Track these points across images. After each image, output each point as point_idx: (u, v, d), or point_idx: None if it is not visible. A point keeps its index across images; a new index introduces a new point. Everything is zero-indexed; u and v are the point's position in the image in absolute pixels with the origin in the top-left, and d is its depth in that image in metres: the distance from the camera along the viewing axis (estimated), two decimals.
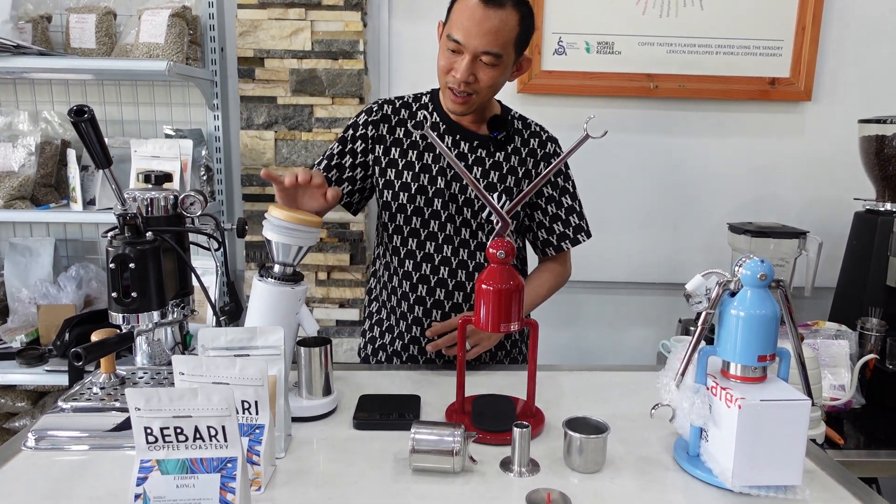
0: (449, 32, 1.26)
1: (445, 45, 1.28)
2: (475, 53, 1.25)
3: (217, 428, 0.80)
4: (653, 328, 2.29)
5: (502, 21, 1.23)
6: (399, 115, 1.43)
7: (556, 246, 1.47)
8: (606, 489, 0.92)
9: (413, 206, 1.40)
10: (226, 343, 1.00)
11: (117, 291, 1.08)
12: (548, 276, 1.50)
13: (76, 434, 1.03)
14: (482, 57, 1.26)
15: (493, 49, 1.24)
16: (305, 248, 1.12)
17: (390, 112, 1.43)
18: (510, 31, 1.25)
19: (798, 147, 2.18)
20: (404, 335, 1.46)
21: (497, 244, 1.05)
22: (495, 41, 1.24)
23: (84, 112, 0.92)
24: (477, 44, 1.24)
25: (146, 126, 2.12)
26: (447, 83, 1.31)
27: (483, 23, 1.22)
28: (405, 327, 1.46)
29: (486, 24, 1.22)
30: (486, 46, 1.24)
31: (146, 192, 1.19)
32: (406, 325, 1.46)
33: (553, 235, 1.47)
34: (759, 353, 0.91)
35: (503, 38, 1.24)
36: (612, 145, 2.15)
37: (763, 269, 0.91)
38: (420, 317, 1.44)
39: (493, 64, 1.26)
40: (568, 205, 1.47)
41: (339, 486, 0.92)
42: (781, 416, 0.88)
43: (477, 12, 1.22)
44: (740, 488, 0.89)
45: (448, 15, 1.30)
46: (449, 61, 1.29)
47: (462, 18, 1.24)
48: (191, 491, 0.79)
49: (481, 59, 1.26)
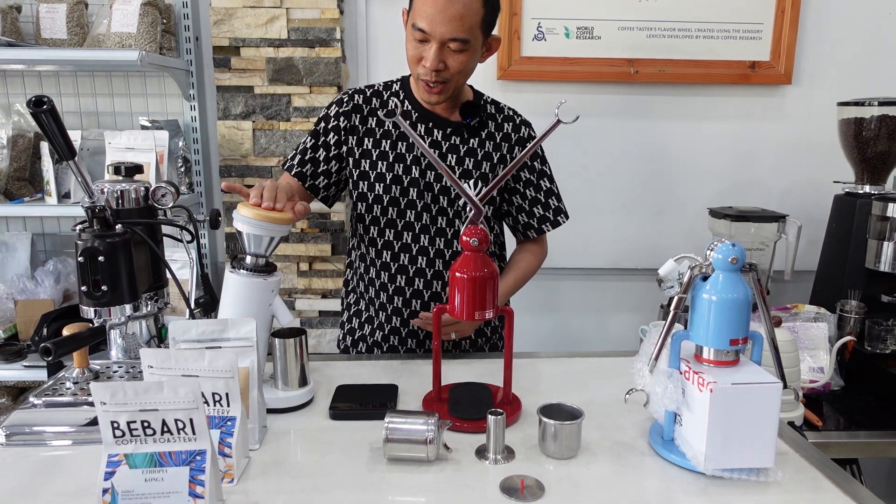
0: (413, 21, 1.24)
1: (411, 34, 1.26)
2: (442, 41, 1.23)
3: (185, 421, 0.79)
4: (636, 314, 2.30)
5: (465, 5, 1.21)
6: (370, 104, 1.41)
7: (537, 229, 1.47)
8: (581, 475, 0.92)
9: (388, 196, 1.39)
10: (197, 335, 0.99)
11: (87, 285, 1.07)
12: (530, 257, 1.50)
13: (48, 429, 1.02)
14: (450, 44, 1.24)
15: (459, 35, 1.23)
16: (277, 238, 1.11)
17: (361, 102, 1.41)
18: (475, 14, 1.23)
19: (778, 131, 2.18)
20: (384, 326, 1.46)
21: (470, 232, 1.04)
22: (461, 26, 1.22)
23: (43, 103, 0.90)
24: (443, 31, 1.22)
25: (122, 118, 2.09)
26: (418, 74, 1.30)
27: (446, 9, 1.20)
28: (384, 318, 1.45)
29: (450, 10, 1.20)
30: (452, 33, 1.22)
31: (116, 184, 1.17)
32: (385, 315, 1.45)
33: (534, 219, 1.47)
34: (731, 336, 0.91)
35: (469, 22, 1.23)
36: (593, 131, 2.14)
37: (734, 253, 0.91)
38: (399, 307, 1.43)
39: (462, 49, 1.25)
40: (546, 188, 1.47)
41: (313, 477, 0.91)
42: (753, 399, 0.89)
43: (439, 0, 1.20)
44: (713, 471, 0.90)
45: (411, 3, 1.28)
46: (417, 51, 1.27)
47: (425, 6, 1.22)
48: (160, 485, 0.79)
49: (449, 45, 1.24)
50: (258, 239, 1.09)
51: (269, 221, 1.07)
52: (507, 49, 2.04)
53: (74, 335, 1.07)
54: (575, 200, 1.51)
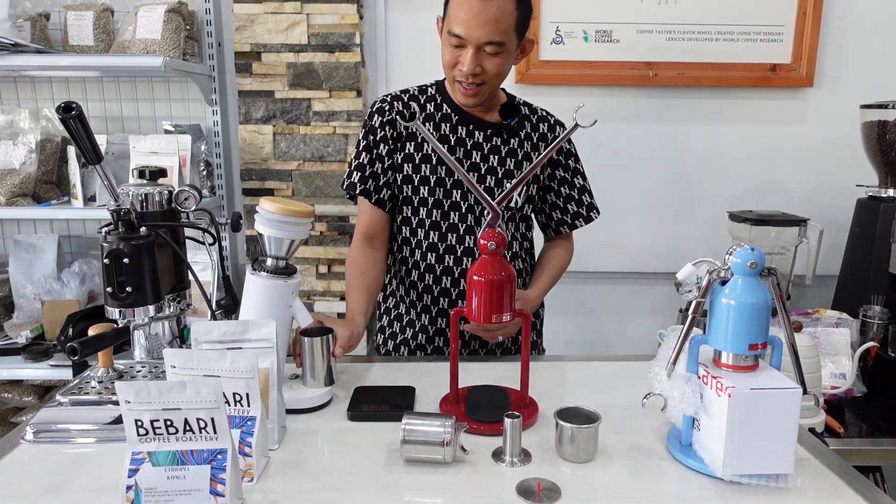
0: (449, 28, 1.26)
1: (447, 40, 1.28)
2: (478, 45, 1.25)
3: (206, 420, 0.80)
4: (655, 317, 2.29)
5: (500, 8, 1.23)
6: (409, 109, 1.42)
7: (570, 224, 1.51)
8: (597, 478, 0.92)
9: (433, 199, 1.40)
10: (218, 336, 1.00)
11: (112, 286, 1.09)
12: (563, 253, 1.54)
13: (74, 427, 1.04)
14: (486, 47, 1.26)
15: (495, 38, 1.24)
16: (298, 241, 1.13)
17: (402, 107, 1.43)
18: (509, 16, 1.24)
19: (800, 134, 2.15)
20: (428, 328, 1.47)
21: (488, 235, 1.05)
22: (496, 30, 1.24)
23: (72, 108, 0.93)
24: (479, 35, 1.24)
25: (146, 122, 2.13)
26: (455, 77, 1.32)
27: (481, 13, 1.22)
28: (429, 320, 1.47)
29: (485, 13, 1.22)
30: (488, 37, 1.24)
31: (141, 187, 1.19)
32: (430, 318, 1.46)
33: (567, 215, 1.50)
34: (749, 341, 0.91)
35: (503, 24, 1.24)
36: (612, 135, 2.14)
37: (753, 257, 0.90)
38: (445, 308, 1.45)
39: (498, 52, 1.27)
40: (580, 185, 1.50)
41: (331, 477, 0.92)
42: (772, 405, 0.88)
43: (474, 4, 1.22)
44: (731, 477, 0.89)
45: (445, 9, 1.30)
46: (453, 56, 1.29)
47: (460, 12, 1.24)
48: (181, 482, 0.80)
49: (485, 49, 1.26)
50: (279, 241, 1.11)
51: (290, 215, 1.09)
52: None
53: (100, 335, 1.09)
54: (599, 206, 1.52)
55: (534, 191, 1.45)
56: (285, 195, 2.07)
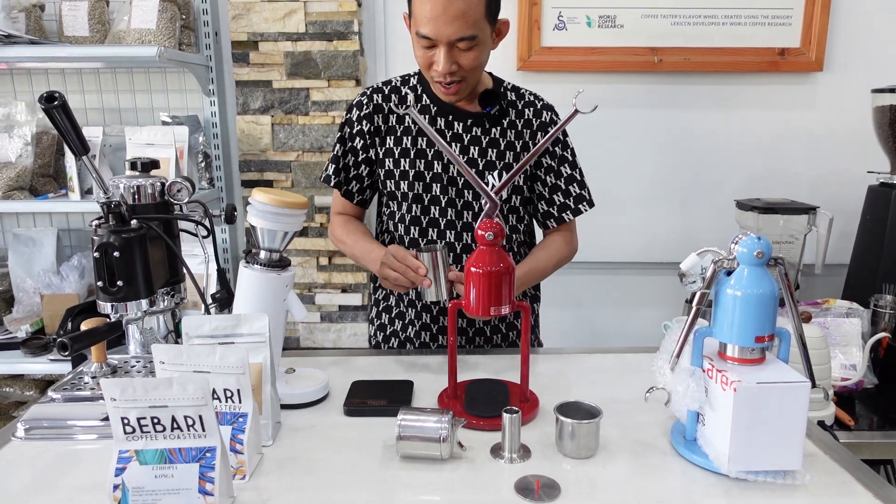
0: (417, 29, 1.21)
1: (417, 41, 1.23)
2: (449, 42, 1.20)
3: (194, 418, 0.78)
4: (660, 309, 2.25)
5: (465, 1, 1.17)
6: (389, 101, 1.39)
7: (557, 217, 1.42)
8: (599, 475, 0.90)
9: (413, 193, 1.37)
10: (210, 331, 0.98)
11: (103, 280, 1.07)
12: (554, 248, 1.44)
13: (66, 423, 1.02)
14: (458, 44, 1.20)
15: (466, 33, 1.19)
16: (291, 232, 1.10)
17: (381, 101, 1.39)
18: (476, 6, 1.18)
19: (809, 119, 2.11)
20: (415, 322, 1.45)
21: (485, 225, 1.02)
22: (465, 24, 1.18)
23: (55, 98, 0.90)
24: (448, 33, 1.18)
25: (143, 114, 2.10)
26: (432, 77, 1.27)
27: (447, 9, 1.16)
28: (415, 314, 1.44)
29: (450, 9, 1.16)
30: (458, 33, 1.18)
31: (133, 179, 1.17)
32: (416, 311, 1.44)
33: (553, 207, 1.42)
34: (756, 333, 0.88)
35: (472, 17, 1.18)
36: (617, 122, 2.10)
37: (760, 247, 0.87)
38: (429, 303, 1.42)
39: (471, 46, 1.21)
40: (567, 174, 1.41)
41: (325, 474, 0.90)
42: (779, 399, 0.85)
43: (438, 2, 1.16)
44: (737, 474, 0.86)
45: (409, 8, 1.24)
46: (426, 57, 1.24)
47: (424, 11, 1.18)
48: (170, 481, 0.78)
49: (458, 45, 1.21)
50: (272, 233, 1.08)
51: (283, 206, 1.06)
52: (527, 39, 2.01)
53: (91, 330, 1.07)
54: (597, 192, 1.47)
55: (520, 180, 1.40)
56: (284, 186, 2.04)
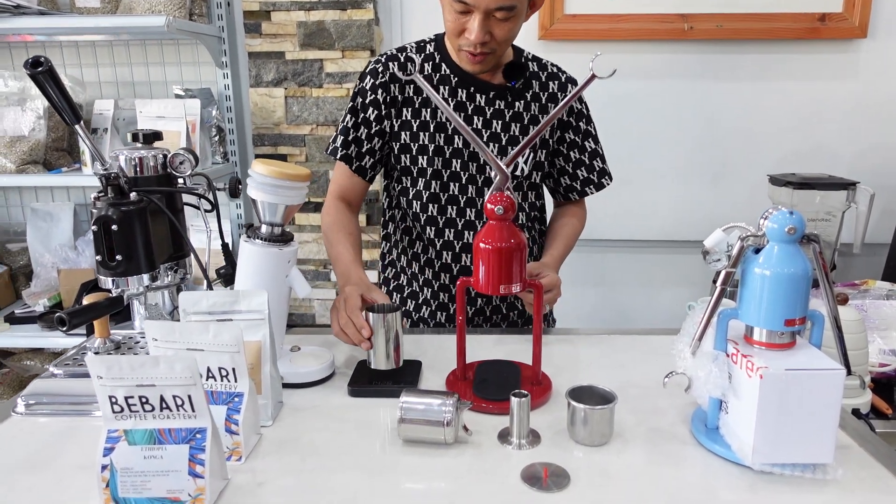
0: None
1: (450, 5, 1.16)
2: (487, 10, 1.13)
3: (183, 397, 0.75)
4: (687, 288, 2.18)
5: None
6: (405, 71, 1.32)
7: (579, 191, 1.40)
8: (611, 464, 0.85)
9: (431, 169, 1.31)
10: (208, 307, 0.95)
11: (101, 254, 1.05)
12: (574, 222, 1.42)
13: (66, 400, 1.01)
14: (495, 13, 1.14)
15: (506, 3, 1.13)
16: (293, 206, 1.06)
17: (397, 69, 1.32)
18: None
19: (850, 90, 1.99)
20: (430, 302, 1.40)
21: (496, 199, 0.96)
22: None
23: (40, 63, 0.87)
24: (488, 1, 1.12)
25: (157, 87, 2.07)
26: (460, 46, 1.21)
27: None
28: (431, 294, 1.40)
29: None
30: (498, 2, 1.12)
31: (134, 151, 1.14)
32: (432, 292, 1.39)
33: (577, 181, 1.39)
34: (786, 316, 0.81)
35: None
36: (643, 93, 2.01)
37: (791, 222, 0.80)
38: (447, 283, 1.37)
39: (508, 17, 1.15)
40: (591, 149, 1.38)
41: (324, 457, 0.87)
42: (810, 387, 0.78)
43: None
44: (761, 466, 0.80)
45: None
46: (458, 23, 1.17)
47: None
48: (158, 462, 0.75)
49: (494, 14, 1.14)
50: (272, 207, 1.04)
51: (283, 178, 1.02)
52: (549, 7, 1.92)
53: (90, 305, 1.05)
54: (623, 168, 1.41)
55: (542, 156, 1.34)
56: (298, 161, 2.00)
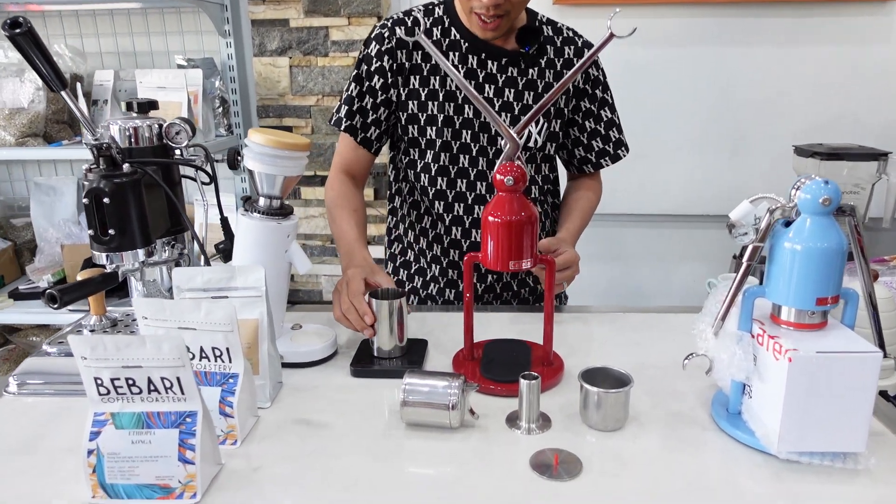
0: None
1: None
2: None
3: (171, 380, 0.71)
4: (705, 264, 2.11)
5: None
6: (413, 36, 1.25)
7: (594, 163, 1.34)
8: (626, 450, 0.80)
9: (440, 140, 1.24)
10: (202, 283, 0.91)
11: (94, 228, 1.00)
12: (590, 195, 1.36)
13: (59, 379, 0.97)
14: None
15: None
16: (293, 177, 1.01)
17: (403, 33, 1.25)
18: None
19: (882, 55, 1.89)
20: (439, 279, 1.35)
21: (505, 169, 0.90)
22: None
23: (19, 24, 0.81)
24: None
25: (159, 57, 2.02)
26: (472, 8, 1.13)
27: None
28: (439, 271, 1.34)
29: None
30: None
31: (129, 120, 1.09)
32: (440, 268, 1.34)
33: (592, 153, 1.32)
34: (818, 294, 0.75)
35: None
36: (660, 60, 1.92)
37: (827, 192, 0.73)
38: (456, 260, 1.32)
39: None
40: (608, 118, 1.31)
41: (323, 441, 0.83)
42: (842, 372, 0.73)
43: None
44: (788, 455, 0.75)
45: None
46: None
47: None
48: (147, 447, 0.72)
49: None
50: (270, 178, 0.99)
51: (281, 147, 0.96)
52: None
53: (82, 281, 1.01)
54: (638, 139, 1.34)
55: (556, 126, 1.28)
56: (304, 133, 1.94)
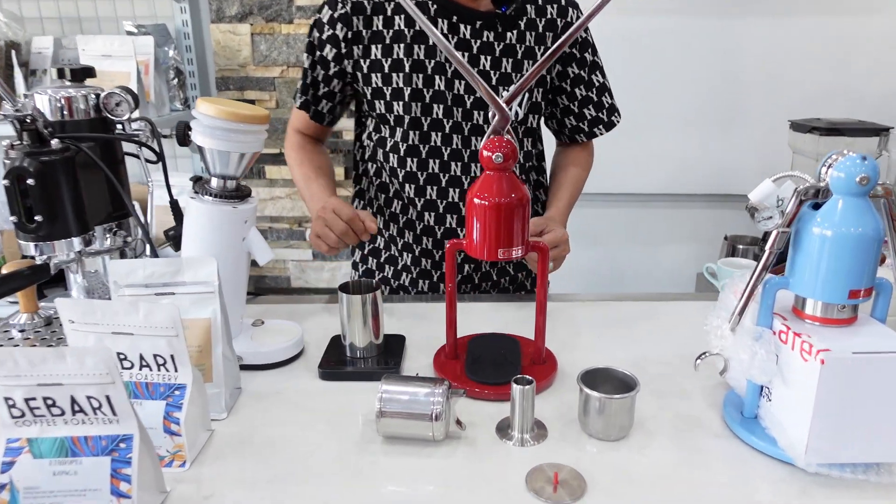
0: None
1: None
2: None
3: (100, 399, 0.59)
4: (693, 246, 2.03)
5: None
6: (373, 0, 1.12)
7: (587, 133, 1.24)
8: (634, 464, 0.71)
9: (409, 117, 1.12)
10: (144, 278, 0.78)
11: (17, 215, 0.87)
12: (580, 170, 1.27)
13: None
14: None
15: None
16: (249, 154, 0.88)
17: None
18: None
19: (882, 25, 1.82)
20: (411, 269, 1.23)
21: (493, 144, 0.79)
22: None
23: None
24: None
25: (107, 23, 1.84)
26: None
27: None
28: (411, 260, 1.23)
29: None
30: None
31: (60, 90, 0.95)
32: (412, 257, 1.23)
33: (584, 122, 1.23)
34: (851, 286, 0.66)
35: None
36: (650, 31, 1.82)
37: (864, 170, 0.64)
38: (430, 248, 1.21)
39: None
40: (599, 83, 1.21)
41: (287, 460, 0.72)
42: (881, 375, 0.64)
43: None
44: (817, 468, 0.66)
45: None
46: None
47: None
48: (72, 479, 0.60)
49: None
50: (224, 155, 0.87)
51: (236, 120, 0.84)
52: None
53: (7, 275, 0.89)
54: (626, 114, 1.24)
55: (538, 95, 1.16)
56: (268, 107, 1.80)
